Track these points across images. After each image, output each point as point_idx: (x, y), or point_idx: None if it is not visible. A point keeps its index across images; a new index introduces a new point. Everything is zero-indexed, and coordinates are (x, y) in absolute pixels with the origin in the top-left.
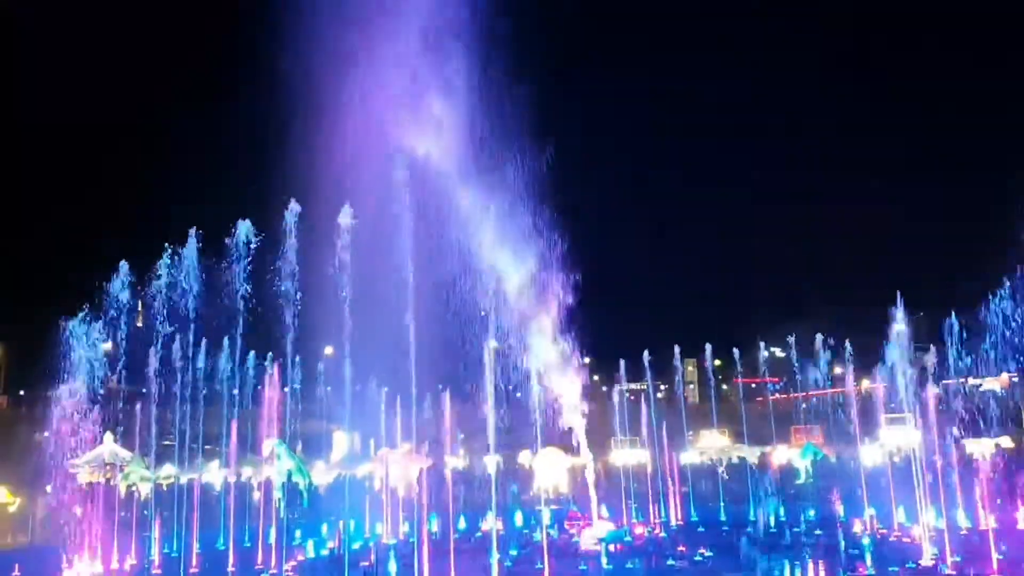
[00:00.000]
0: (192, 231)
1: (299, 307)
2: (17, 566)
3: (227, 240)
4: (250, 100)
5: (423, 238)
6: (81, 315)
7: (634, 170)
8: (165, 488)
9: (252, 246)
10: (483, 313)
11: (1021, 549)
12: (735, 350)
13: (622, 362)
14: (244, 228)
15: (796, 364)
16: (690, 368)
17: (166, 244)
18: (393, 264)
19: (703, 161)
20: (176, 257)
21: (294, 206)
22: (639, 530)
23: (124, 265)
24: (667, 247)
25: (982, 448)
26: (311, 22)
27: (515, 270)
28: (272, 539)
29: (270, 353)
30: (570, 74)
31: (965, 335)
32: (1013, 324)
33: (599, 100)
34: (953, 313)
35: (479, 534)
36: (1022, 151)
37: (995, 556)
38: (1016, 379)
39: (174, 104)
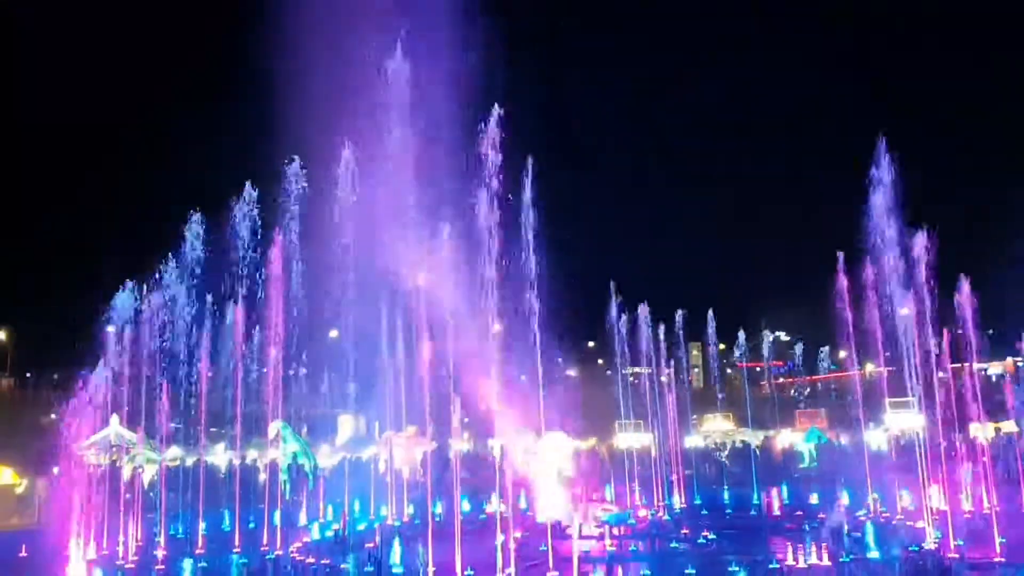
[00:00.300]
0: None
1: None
2: (24, 546)
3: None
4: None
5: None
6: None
7: (633, 167)
8: (170, 469)
9: (255, 230)
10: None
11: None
12: (739, 334)
13: (626, 345)
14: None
15: (798, 348)
16: (694, 352)
17: (168, 224)
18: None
19: (696, 163)
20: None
21: (296, 167)
22: (643, 513)
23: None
24: (670, 232)
25: (985, 432)
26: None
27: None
28: (277, 521)
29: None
30: (571, 73)
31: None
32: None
33: (598, 95)
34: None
35: (483, 516)
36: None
37: (998, 540)
38: (1021, 363)
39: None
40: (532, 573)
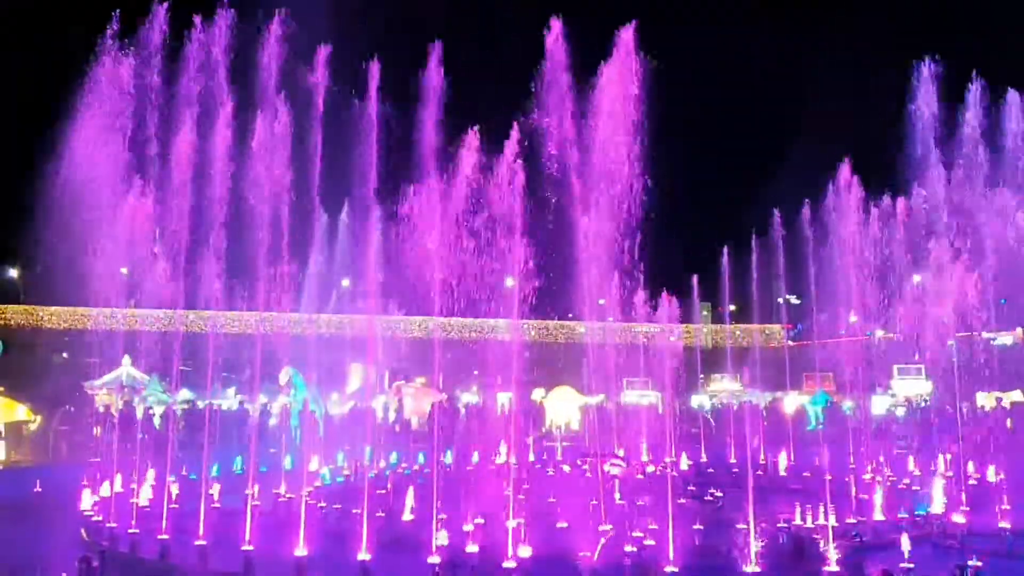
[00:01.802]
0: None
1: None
2: (38, 482)
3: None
4: None
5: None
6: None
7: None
8: (181, 413)
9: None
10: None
11: None
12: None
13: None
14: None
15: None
16: (705, 312)
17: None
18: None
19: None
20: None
21: None
22: (650, 469)
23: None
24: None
25: (992, 402)
26: None
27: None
28: (288, 466)
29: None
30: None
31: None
32: None
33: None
34: None
35: (492, 467)
36: None
37: (1004, 506)
38: None
39: None
40: (540, 521)
